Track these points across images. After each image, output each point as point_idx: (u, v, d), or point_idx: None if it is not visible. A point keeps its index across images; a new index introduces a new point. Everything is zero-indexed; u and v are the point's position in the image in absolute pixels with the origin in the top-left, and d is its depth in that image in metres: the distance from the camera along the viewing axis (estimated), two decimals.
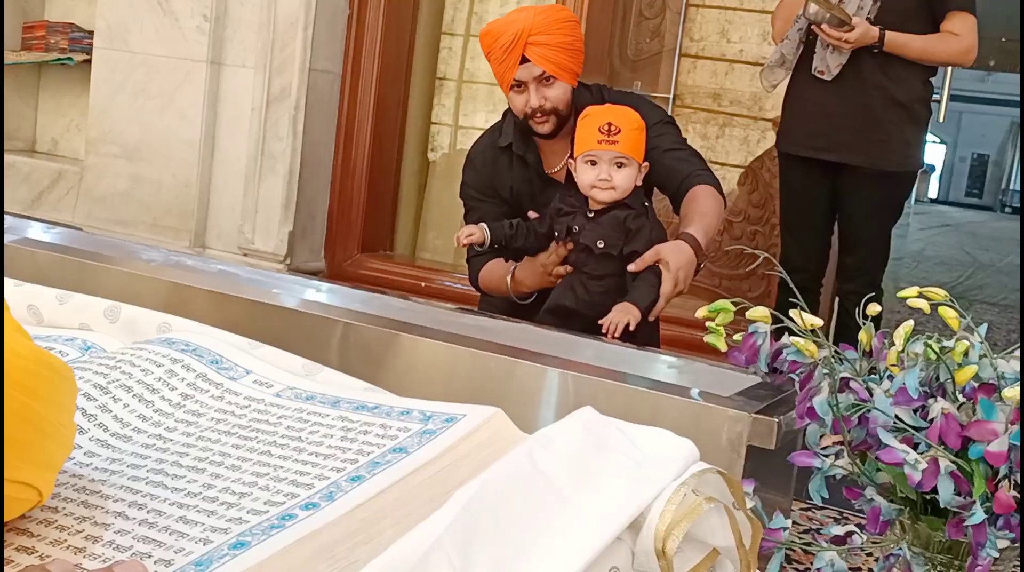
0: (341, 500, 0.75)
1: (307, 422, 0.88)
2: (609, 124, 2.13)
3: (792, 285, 1.41)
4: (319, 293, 2.36)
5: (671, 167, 2.26)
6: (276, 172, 4.06)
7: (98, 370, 0.96)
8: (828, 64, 2.93)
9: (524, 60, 2.22)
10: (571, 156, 2.26)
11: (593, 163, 2.16)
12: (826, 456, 1.22)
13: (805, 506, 2.41)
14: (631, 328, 2.08)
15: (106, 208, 4.52)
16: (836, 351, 1.28)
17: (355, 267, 4.14)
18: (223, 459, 0.83)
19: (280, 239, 4.08)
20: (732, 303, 1.27)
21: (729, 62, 4.20)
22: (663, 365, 1.89)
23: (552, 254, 2.22)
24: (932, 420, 1.17)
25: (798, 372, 1.23)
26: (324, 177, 4.18)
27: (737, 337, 1.42)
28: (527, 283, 2.28)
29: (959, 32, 2.92)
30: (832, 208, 3.15)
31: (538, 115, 2.28)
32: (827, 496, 1.23)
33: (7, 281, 1.16)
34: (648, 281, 2.09)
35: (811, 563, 2.12)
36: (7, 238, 2.54)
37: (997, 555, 1.18)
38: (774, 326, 1.26)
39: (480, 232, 2.22)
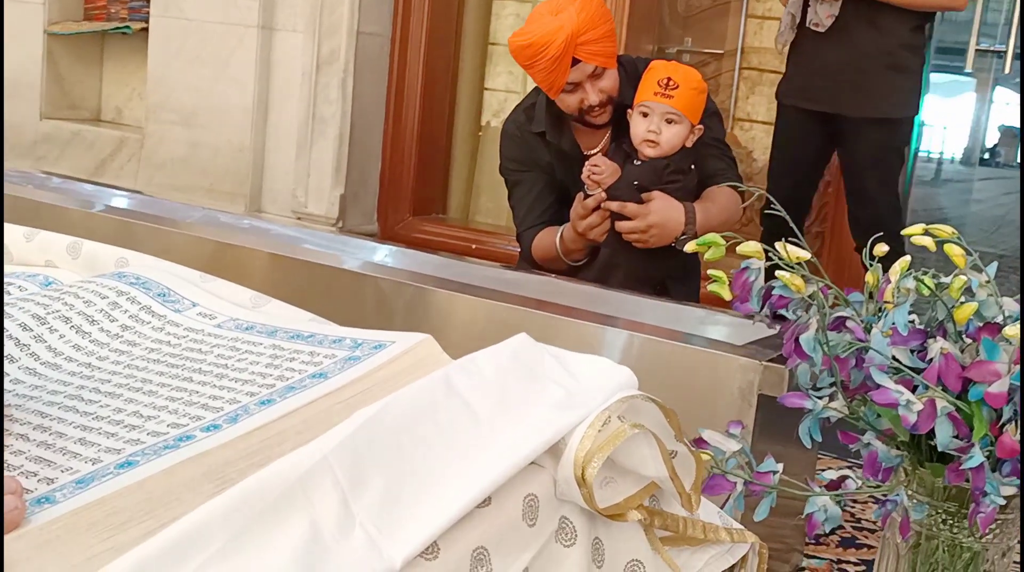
0: (244, 422, 0.72)
1: (238, 350, 0.86)
2: (669, 79, 2.07)
3: (792, 223, 1.35)
4: (348, 248, 2.34)
5: (700, 159, 2.21)
6: (327, 136, 4.06)
7: (39, 301, 0.95)
8: (820, 16, 2.94)
9: (575, 61, 2.16)
10: (629, 107, 2.21)
11: (645, 115, 2.11)
12: (819, 398, 1.16)
13: (847, 465, 2.33)
14: (598, 176, 2.08)
15: (166, 174, 4.57)
16: (839, 292, 1.22)
17: (407, 230, 4.12)
18: (143, 385, 0.81)
19: (332, 202, 4.08)
20: (723, 238, 1.22)
21: None
22: (686, 316, 1.83)
23: (577, 206, 2.17)
24: (931, 360, 1.10)
25: (789, 308, 1.17)
26: (375, 140, 4.16)
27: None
28: (572, 243, 2.24)
29: None
30: (821, 160, 3.16)
31: (596, 109, 2.23)
32: (820, 439, 1.17)
33: None
34: (636, 200, 2.08)
35: (843, 520, 2.05)
36: (60, 199, 2.58)
37: (1003, 502, 1.11)
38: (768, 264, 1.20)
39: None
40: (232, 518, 0.59)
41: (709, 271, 1.37)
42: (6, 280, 1.02)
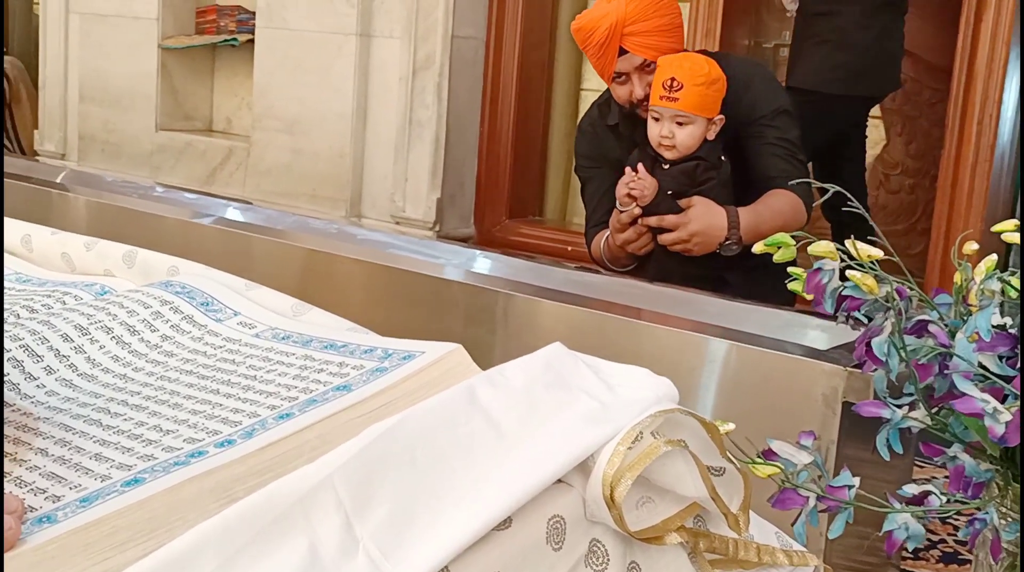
0: (259, 437, 0.70)
1: (269, 361, 0.84)
2: (672, 79, 2.00)
3: (872, 222, 1.27)
4: (432, 252, 2.33)
5: (764, 159, 2.12)
6: (423, 140, 4.07)
7: (84, 312, 0.95)
8: (786, 1, 3.27)
9: (623, 51, 2.11)
10: None
11: (657, 119, 2.06)
12: (899, 406, 1.09)
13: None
14: (638, 193, 2.04)
15: (271, 181, 4.66)
16: (921, 293, 1.14)
17: (504, 233, 4.11)
18: (170, 397, 0.79)
19: (429, 206, 4.09)
20: (793, 237, 1.15)
21: None
22: (770, 319, 1.76)
23: (614, 219, 2.13)
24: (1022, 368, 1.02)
25: (863, 310, 1.10)
26: (471, 143, 4.16)
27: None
28: (617, 252, 2.20)
29: None
30: (842, 139, 3.31)
31: (645, 103, 2.18)
32: (900, 451, 1.10)
33: (44, 229, 1.17)
34: (675, 209, 2.03)
35: (945, 534, 1.94)
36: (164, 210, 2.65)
37: None
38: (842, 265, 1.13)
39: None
40: (226, 540, 0.56)
41: (789, 269, 1.30)
42: (63, 289, 1.03)
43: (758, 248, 1.19)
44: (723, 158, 2.11)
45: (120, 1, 5.38)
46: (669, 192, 2.05)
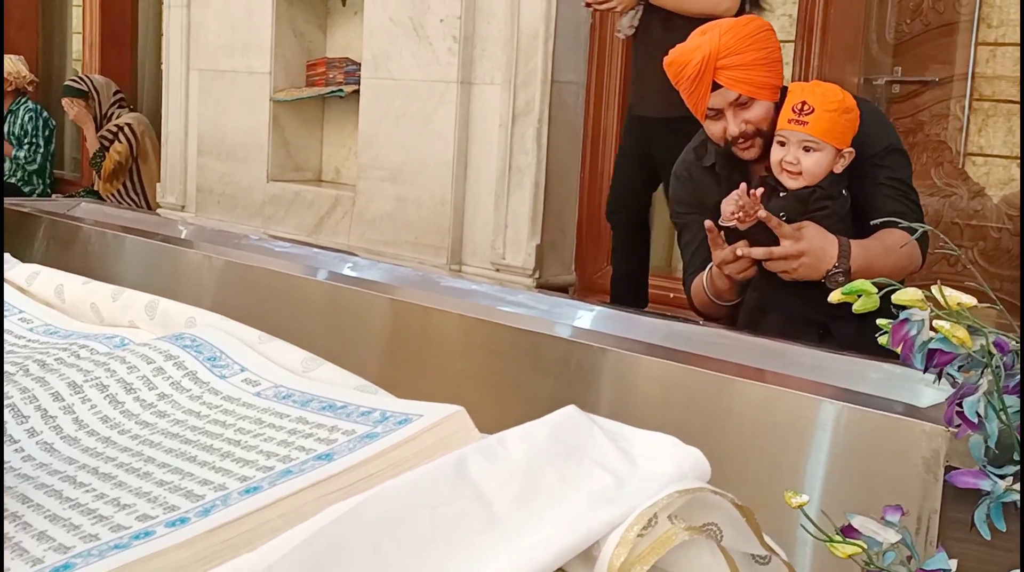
0: (216, 515, 0.61)
1: (261, 423, 0.75)
2: (803, 103, 1.91)
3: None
4: (516, 299, 2.25)
5: (875, 200, 1.99)
6: (523, 186, 4.02)
7: (83, 367, 0.88)
8: (623, 26, 3.34)
9: (716, 86, 2.03)
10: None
11: (782, 144, 1.94)
12: (1000, 477, 0.94)
13: None
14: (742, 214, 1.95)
15: (375, 230, 4.66)
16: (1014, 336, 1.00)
17: (605, 280, 4.00)
18: (144, 465, 0.72)
19: (529, 253, 4.03)
20: (876, 285, 1.02)
21: None
22: (869, 372, 1.62)
23: (716, 238, 2.02)
24: None
25: (954, 366, 0.96)
26: (572, 189, 4.09)
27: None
28: (719, 282, 2.08)
29: None
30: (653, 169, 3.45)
31: (741, 141, 2.08)
32: (1004, 528, 0.95)
33: (76, 278, 1.13)
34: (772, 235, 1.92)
35: None
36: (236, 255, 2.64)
37: None
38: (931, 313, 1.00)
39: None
40: None
41: (878, 321, 1.17)
42: (79, 342, 0.98)
43: (835, 297, 1.07)
44: (844, 193, 2.00)
45: (237, 57, 5.51)
46: (781, 215, 1.95)
